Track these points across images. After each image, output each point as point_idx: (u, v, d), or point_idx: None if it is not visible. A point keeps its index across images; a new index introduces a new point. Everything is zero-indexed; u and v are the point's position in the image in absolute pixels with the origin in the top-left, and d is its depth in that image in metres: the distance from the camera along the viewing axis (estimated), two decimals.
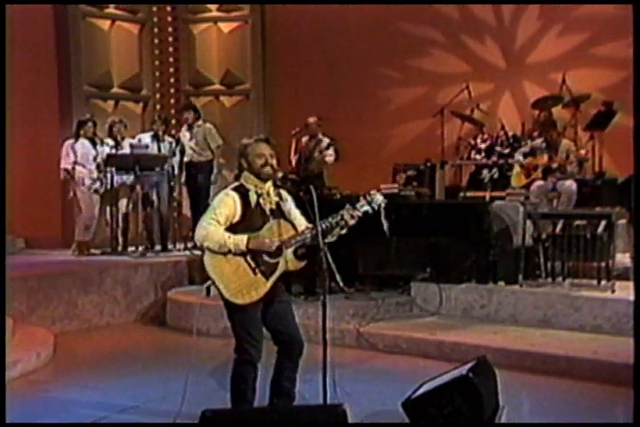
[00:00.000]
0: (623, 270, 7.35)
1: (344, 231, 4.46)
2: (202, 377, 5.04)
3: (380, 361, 6.57)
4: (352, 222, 4.40)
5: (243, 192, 4.41)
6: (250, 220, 4.38)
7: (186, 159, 9.97)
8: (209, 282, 4.41)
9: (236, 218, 4.37)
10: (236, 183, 4.50)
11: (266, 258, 4.38)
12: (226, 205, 4.36)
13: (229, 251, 4.30)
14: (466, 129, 10.51)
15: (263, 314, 4.49)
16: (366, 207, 4.41)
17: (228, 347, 4.69)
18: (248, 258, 4.36)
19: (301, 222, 4.52)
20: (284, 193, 4.56)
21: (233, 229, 4.35)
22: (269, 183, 4.49)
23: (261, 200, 4.43)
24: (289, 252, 4.41)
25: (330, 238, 4.46)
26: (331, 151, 9.24)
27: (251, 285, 4.36)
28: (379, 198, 4.44)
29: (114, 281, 8.25)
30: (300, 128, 9.42)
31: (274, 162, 4.46)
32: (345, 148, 9.30)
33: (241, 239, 4.29)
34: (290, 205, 4.55)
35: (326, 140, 9.37)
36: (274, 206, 4.47)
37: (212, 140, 9.95)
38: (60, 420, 5.05)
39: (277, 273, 4.42)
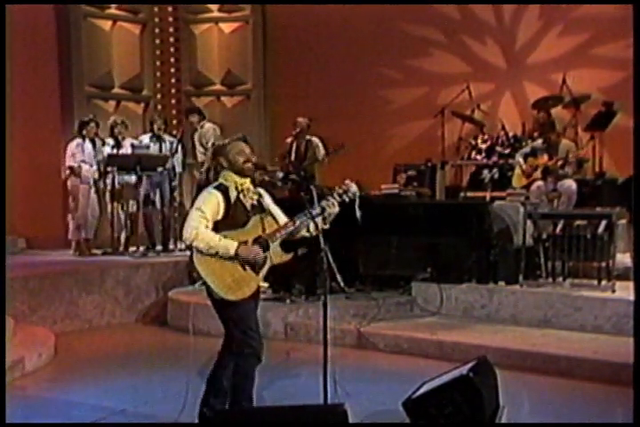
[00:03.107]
0: (623, 270, 7.36)
1: (327, 226, 4.51)
2: (202, 377, 5.04)
3: (381, 361, 6.58)
4: (333, 211, 4.48)
5: (223, 190, 4.46)
6: (233, 217, 4.42)
7: (199, 160, 10.12)
8: (200, 282, 4.43)
9: (220, 215, 4.41)
10: (216, 183, 4.55)
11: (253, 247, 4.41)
12: (210, 202, 4.41)
13: (216, 253, 4.33)
14: (466, 129, 10.52)
15: None
16: (343, 196, 4.53)
17: None
18: None
19: (281, 217, 4.58)
20: (261, 190, 4.61)
21: (216, 226, 4.39)
22: (248, 180, 4.54)
23: (241, 196, 4.47)
24: (275, 245, 4.44)
25: (311, 231, 4.49)
26: (321, 148, 9.38)
27: (242, 280, 4.40)
28: (353, 188, 4.56)
29: (115, 281, 8.26)
30: (298, 131, 9.51)
31: (254, 159, 4.56)
32: (347, 146, 9.30)
33: (231, 244, 4.33)
34: (268, 201, 4.61)
35: (317, 140, 9.48)
36: (255, 202, 4.51)
37: (208, 140, 9.96)
38: (61, 420, 5.05)
39: (266, 267, 4.45)
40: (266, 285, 4.63)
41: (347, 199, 4.54)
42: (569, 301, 7.00)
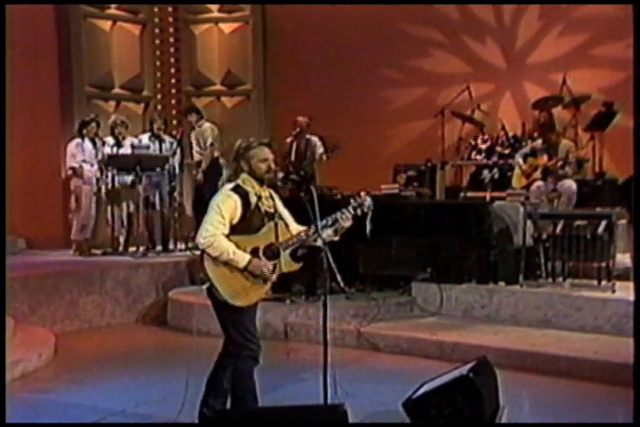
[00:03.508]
0: (623, 271, 7.35)
1: (337, 238, 4.52)
2: (202, 377, 5.04)
3: (381, 361, 6.58)
4: (346, 224, 4.47)
5: (242, 194, 4.40)
6: (249, 221, 4.39)
7: (195, 159, 10.10)
8: (208, 284, 4.40)
9: (236, 219, 4.37)
10: (232, 184, 4.47)
11: (264, 260, 4.40)
12: (229, 206, 4.36)
13: (226, 262, 4.32)
14: (466, 129, 10.52)
15: None
16: (357, 210, 4.50)
17: None
18: None
19: (290, 221, 4.57)
20: (272, 192, 4.58)
21: (232, 229, 4.36)
22: (265, 187, 4.51)
23: (260, 203, 4.44)
24: (285, 254, 4.44)
25: (319, 241, 4.47)
26: (320, 147, 9.41)
27: (250, 286, 4.39)
28: (368, 201, 4.53)
29: (115, 281, 8.26)
30: (298, 130, 9.55)
31: (274, 167, 4.51)
32: (346, 148, 9.33)
33: (242, 259, 4.31)
34: (279, 205, 4.58)
35: (315, 139, 9.51)
36: (271, 209, 4.49)
37: (205, 140, 9.96)
38: (61, 420, 5.05)
39: (275, 275, 4.44)
40: None
41: (360, 213, 4.52)
42: (569, 301, 7.00)
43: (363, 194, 4.56)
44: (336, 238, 4.53)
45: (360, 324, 7.09)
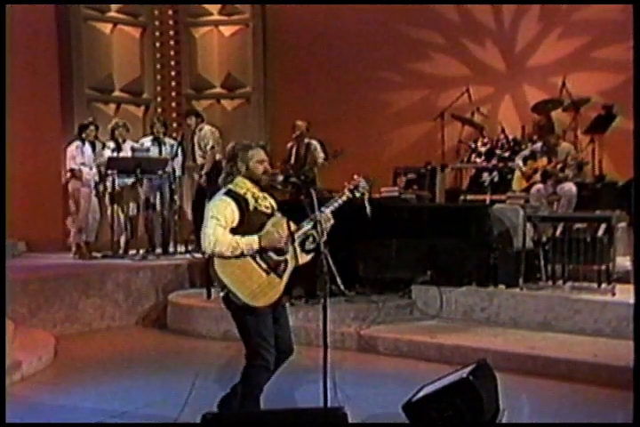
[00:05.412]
0: (623, 273, 7.36)
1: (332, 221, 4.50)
2: (202, 379, 5.06)
3: (381, 364, 6.59)
4: (327, 226, 4.45)
5: (236, 197, 4.38)
6: (248, 223, 4.37)
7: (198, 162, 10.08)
8: (224, 291, 4.37)
9: (235, 223, 4.35)
10: (225, 189, 4.45)
11: (274, 257, 4.38)
12: (224, 210, 4.34)
13: (242, 253, 4.28)
14: (466, 132, 10.53)
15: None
16: (354, 192, 4.55)
17: (228, 350, 4.71)
18: (257, 259, 4.34)
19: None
20: (266, 195, 4.55)
21: (234, 232, 4.33)
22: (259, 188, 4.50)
23: (257, 205, 4.43)
24: (295, 246, 4.42)
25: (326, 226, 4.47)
26: (319, 151, 9.40)
27: (267, 285, 4.35)
28: (363, 183, 4.56)
29: (115, 284, 8.26)
30: (298, 134, 9.57)
31: (270, 169, 4.54)
32: (346, 151, 9.32)
33: (252, 239, 4.29)
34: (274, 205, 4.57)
35: (315, 143, 9.52)
36: (268, 210, 4.47)
37: (207, 143, 9.95)
38: (61, 422, 5.05)
39: (289, 270, 4.42)
40: None
41: (358, 194, 4.53)
42: (569, 304, 7.00)
43: (356, 176, 4.57)
44: (332, 221, 4.49)
45: (360, 327, 7.10)
